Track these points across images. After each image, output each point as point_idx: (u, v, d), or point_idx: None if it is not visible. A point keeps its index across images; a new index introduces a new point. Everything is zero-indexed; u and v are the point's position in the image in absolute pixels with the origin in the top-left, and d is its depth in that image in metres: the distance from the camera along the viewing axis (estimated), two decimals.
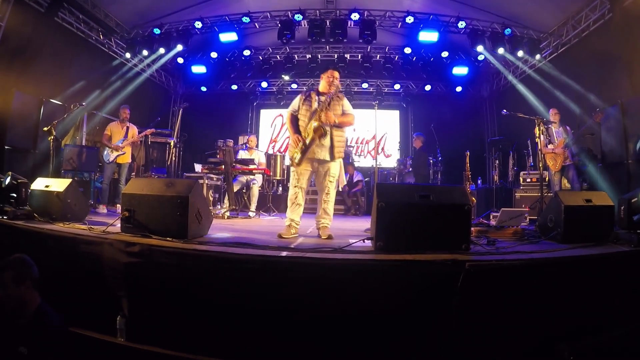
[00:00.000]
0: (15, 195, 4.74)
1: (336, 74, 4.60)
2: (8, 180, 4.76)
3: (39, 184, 4.76)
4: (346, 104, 4.62)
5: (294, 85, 12.85)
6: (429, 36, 9.50)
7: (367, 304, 2.91)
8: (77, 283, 3.45)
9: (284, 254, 3.15)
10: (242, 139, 8.88)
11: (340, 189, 4.88)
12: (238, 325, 2.98)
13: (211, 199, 8.05)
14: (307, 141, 4.35)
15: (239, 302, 2.98)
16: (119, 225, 3.84)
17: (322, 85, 4.62)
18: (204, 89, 13.02)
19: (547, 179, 6.97)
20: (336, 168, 4.54)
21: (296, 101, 4.69)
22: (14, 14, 7.07)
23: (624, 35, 6.95)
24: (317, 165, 4.51)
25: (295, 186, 4.51)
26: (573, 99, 8.14)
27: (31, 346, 2.57)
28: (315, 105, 4.47)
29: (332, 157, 4.44)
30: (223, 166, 7.27)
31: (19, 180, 4.82)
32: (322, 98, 4.46)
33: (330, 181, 4.48)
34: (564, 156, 6.77)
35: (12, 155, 6.95)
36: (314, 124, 4.33)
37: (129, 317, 3.19)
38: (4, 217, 4.24)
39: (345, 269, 2.97)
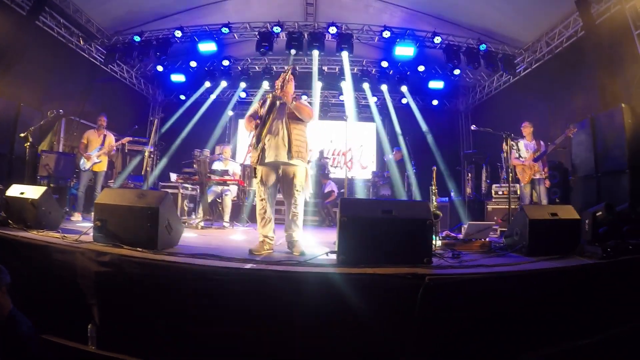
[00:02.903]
0: None
1: (291, 77, 4.44)
2: None
3: (14, 190, 4.76)
4: (304, 100, 4.52)
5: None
6: (405, 51, 9.73)
7: (330, 316, 2.98)
8: (49, 291, 3.47)
9: (247, 266, 3.22)
10: (218, 149, 8.94)
11: (307, 199, 4.84)
12: (204, 333, 3.05)
13: (186, 208, 8.10)
14: (264, 111, 4.26)
15: (205, 313, 3.05)
16: (92, 234, 3.87)
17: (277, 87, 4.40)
18: (182, 97, 13.01)
19: (518, 192, 7.19)
20: (302, 175, 4.33)
21: (255, 105, 4.63)
22: None
23: (595, 52, 7.24)
24: (280, 172, 4.31)
25: (262, 199, 4.31)
26: (546, 113, 8.44)
27: (1, 351, 2.63)
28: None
29: (290, 156, 4.18)
30: (197, 176, 7.33)
31: None
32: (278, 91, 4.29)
33: (297, 190, 4.28)
34: (534, 169, 6.95)
35: None
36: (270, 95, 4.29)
37: (99, 325, 3.23)
38: None
39: (308, 281, 3.05)
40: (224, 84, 12.33)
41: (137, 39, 10.04)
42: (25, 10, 7.88)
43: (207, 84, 12.12)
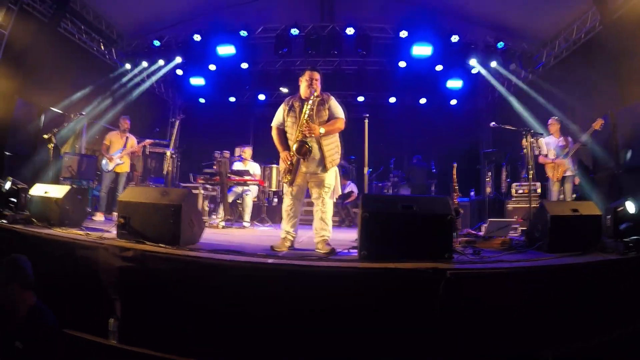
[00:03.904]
0: (14, 200, 4.88)
1: (315, 75, 4.22)
2: (9, 185, 4.89)
3: (38, 189, 4.86)
4: (333, 105, 4.27)
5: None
6: (422, 50, 9.68)
7: (351, 312, 2.99)
8: (72, 286, 3.56)
9: (269, 261, 3.25)
10: (238, 151, 9.02)
11: (335, 200, 4.78)
12: (226, 328, 3.08)
13: (207, 209, 8.18)
14: (294, 160, 4.14)
15: (227, 307, 3.08)
16: (115, 232, 3.95)
17: (302, 90, 4.25)
18: (202, 100, 13.17)
19: (538, 190, 7.05)
20: (331, 178, 4.29)
21: (280, 113, 4.38)
22: (18, 23, 7.24)
23: (614, 46, 7.09)
24: (310, 177, 4.24)
25: (290, 197, 4.29)
26: (566, 110, 8.29)
27: (25, 342, 2.70)
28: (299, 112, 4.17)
29: (325, 169, 4.18)
30: (218, 177, 7.41)
31: (18, 186, 4.95)
32: (305, 106, 4.11)
33: (325, 191, 4.23)
34: (565, 167, 6.78)
35: (13, 161, 7.06)
36: (294, 146, 4.08)
37: (121, 319, 3.29)
38: (3, 221, 4.36)
39: (330, 276, 3.07)
40: (243, 86, 12.40)
41: (157, 43, 10.23)
42: (46, 17, 8.07)
43: (227, 87, 12.22)
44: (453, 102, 12.49)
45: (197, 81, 12.05)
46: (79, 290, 3.54)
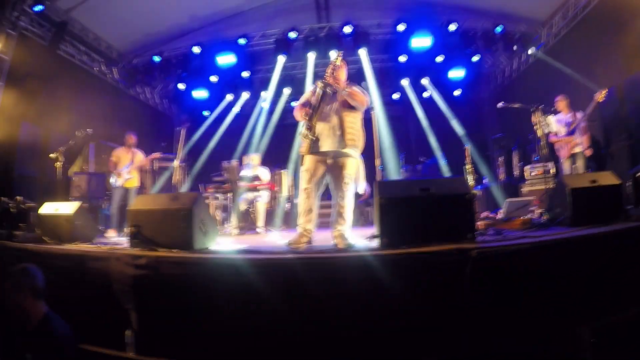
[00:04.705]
0: (24, 219, 4.90)
1: (338, 62, 4.13)
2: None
3: (48, 208, 4.83)
4: (357, 88, 4.21)
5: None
6: (421, 42, 9.59)
7: (375, 302, 2.89)
8: (86, 299, 3.48)
9: (289, 256, 3.16)
10: (245, 159, 8.98)
11: (361, 192, 4.49)
12: (247, 333, 2.98)
13: (218, 218, 8.11)
14: (315, 99, 4.02)
15: (245, 307, 2.98)
16: (126, 243, 3.91)
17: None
18: (206, 113, 13.13)
19: (551, 171, 6.87)
20: (352, 166, 4.07)
21: (307, 94, 4.31)
22: (19, 48, 7.35)
23: (614, 17, 6.99)
24: (330, 163, 4.04)
25: (305, 189, 4.05)
26: (571, 87, 8.12)
27: (35, 353, 2.65)
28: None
29: (344, 145, 3.97)
30: (228, 184, 7.35)
31: (27, 205, 4.93)
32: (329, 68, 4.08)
33: (346, 182, 3.99)
34: (573, 143, 6.61)
35: (22, 182, 7.19)
36: (320, 83, 4.02)
37: (137, 330, 3.21)
38: (15, 240, 4.34)
39: (353, 266, 2.97)
40: (245, 95, 12.42)
41: (156, 59, 10.28)
42: (46, 40, 8.16)
43: (229, 97, 12.25)
44: (457, 92, 12.31)
45: (200, 94, 12.04)
46: (94, 303, 3.47)
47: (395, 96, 12.68)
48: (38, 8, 7.51)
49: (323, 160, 4.06)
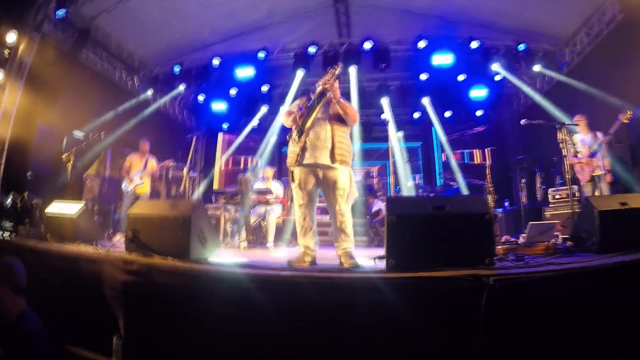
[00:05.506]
0: (29, 215, 5.03)
1: (337, 72, 3.98)
2: (10, 200, 4.94)
3: (55, 207, 4.88)
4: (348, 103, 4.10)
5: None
6: (443, 59, 9.45)
7: (380, 329, 2.63)
8: (77, 301, 3.40)
9: (284, 273, 2.93)
10: (260, 173, 8.87)
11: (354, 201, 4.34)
12: (237, 350, 2.76)
13: (229, 230, 7.93)
14: (311, 100, 3.87)
15: (237, 326, 2.76)
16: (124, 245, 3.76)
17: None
18: (225, 125, 13.15)
19: (577, 194, 6.52)
20: (344, 178, 3.84)
21: (296, 102, 4.20)
22: (39, 52, 7.41)
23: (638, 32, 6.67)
24: (321, 176, 3.85)
25: (300, 205, 3.89)
26: (597, 107, 7.77)
27: (7, 348, 2.58)
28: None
29: (333, 160, 3.78)
30: (239, 196, 7.20)
31: (34, 201, 5.02)
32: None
33: (340, 195, 3.80)
34: (594, 166, 6.29)
35: (35, 182, 7.24)
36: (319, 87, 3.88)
37: (124, 337, 3.06)
38: (16, 235, 4.45)
39: (354, 288, 2.71)
40: (264, 109, 12.38)
41: (177, 69, 10.34)
42: (68, 45, 8.26)
43: (248, 111, 12.19)
44: (479, 112, 12.03)
45: (219, 106, 12.09)
46: (84, 305, 3.39)
47: (416, 115, 12.44)
48: (61, 12, 7.58)
49: (313, 171, 3.88)
